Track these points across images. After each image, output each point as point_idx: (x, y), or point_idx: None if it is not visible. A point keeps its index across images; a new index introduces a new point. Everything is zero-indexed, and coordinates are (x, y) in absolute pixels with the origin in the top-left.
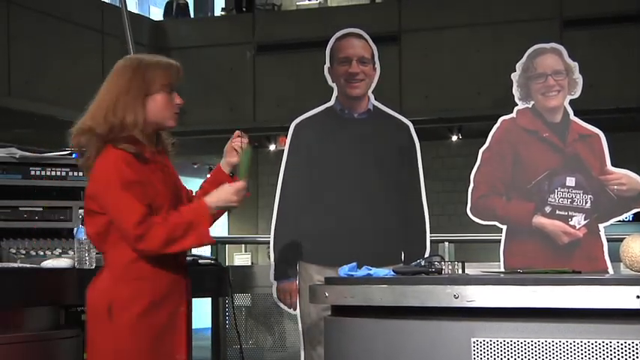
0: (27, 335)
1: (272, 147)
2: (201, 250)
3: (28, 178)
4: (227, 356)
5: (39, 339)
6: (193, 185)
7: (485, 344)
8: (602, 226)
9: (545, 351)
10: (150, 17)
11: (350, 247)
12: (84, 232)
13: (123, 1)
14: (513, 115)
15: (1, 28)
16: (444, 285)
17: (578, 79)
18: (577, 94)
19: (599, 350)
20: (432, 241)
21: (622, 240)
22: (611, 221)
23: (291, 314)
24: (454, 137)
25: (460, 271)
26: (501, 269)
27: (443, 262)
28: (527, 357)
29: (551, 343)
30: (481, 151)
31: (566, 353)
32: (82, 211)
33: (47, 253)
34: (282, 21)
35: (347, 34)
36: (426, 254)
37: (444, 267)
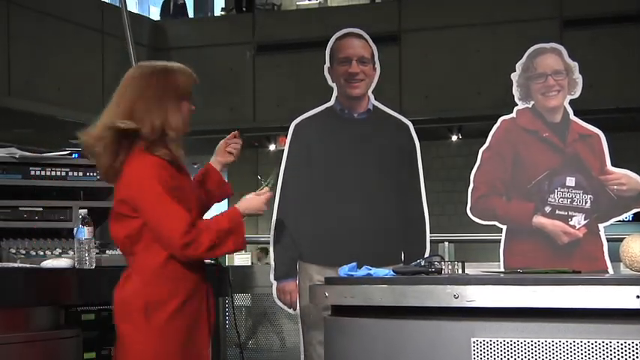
0: (27, 335)
1: (272, 147)
2: None
3: (28, 178)
4: (227, 356)
5: (39, 339)
6: None
7: (485, 344)
8: (602, 226)
9: (545, 351)
10: (150, 17)
11: (350, 247)
12: (84, 233)
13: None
14: (513, 115)
15: (1, 28)
16: (444, 285)
17: (578, 79)
18: (577, 94)
19: (599, 350)
20: (432, 241)
21: (622, 240)
22: (611, 221)
23: (291, 314)
24: (454, 137)
25: (460, 271)
26: (501, 269)
27: (443, 262)
28: (527, 357)
29: (551, 343)
30: (481, 151)
31: (566, 353)
32: (82, 211)
33: (47, 253)
34: (282, 21)
35: (347, 34)
36: (426, 254)
37: (443, 267)
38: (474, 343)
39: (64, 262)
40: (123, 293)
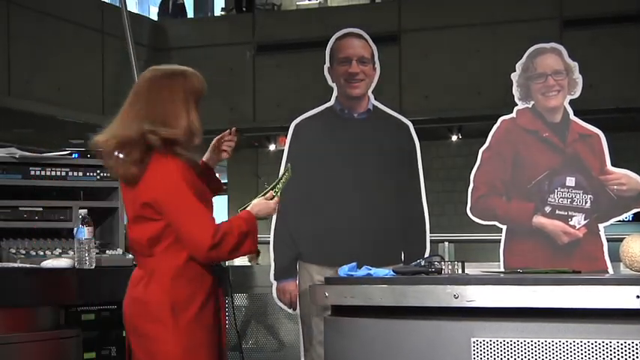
0: (27, 335)
1: (272, 147)
2: None
3: (28, 178)
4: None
5: (39, 339)
6: None
7: (485, 344)
8: (602, 226)
9: (545, 351)
10: (150, 17)
11: (350, 247)
12: (84, 233)
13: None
14: (513, 115)
15: (1, 27)
16: (443, 285)
17: (578, 79)
18: (577, 94)
19: (599, 350)
20: (432, 241)
21: (622, 240)
22: (611, 221)
23: (291, 314)
24: (454, 137)
25: (460, 271)
26: (501, 269)
27: (443, 262)
28: (527, 357)
29: (551, 343)
30: (481, 151)
31: (566, 353)
32: (82, 211)
33: (47, 253)
34: (282, 21)
35: (347, 34)
36: (426, 254)
37: (443, 267)
38: (474, 343)
39: (64, 262)
40: (147, 293)
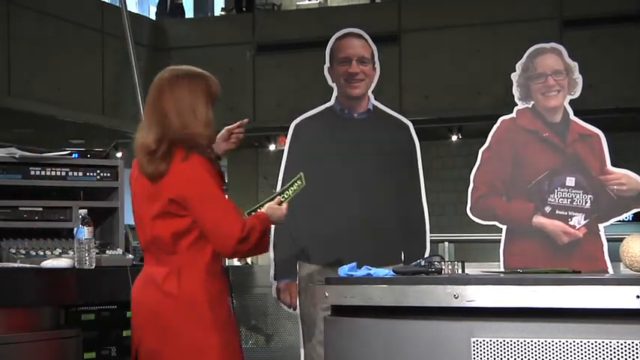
0: (27, 335)
1: (272, 147)
2: None
3: (28, 178)
4: None
5: (39, 339)
6: None
7: (485, 344)
8: (602, 226)
9: (545, 351)
10: (150, 17)
11: (350, 247)
12: (84, 233)
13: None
14: (513, 115)
15: (1, 27)
16: (444, 285)
17: (578, 79)
18: (577, 94)
19: (599, 350)
20: (432, 241)
21: (622, 240)
22: (611, 221)
23: (291, 314)
24: (454, 137)
25: (460, 271)
26: (501, 269)
27: (443, 262)
28: (527, 357)
29: (551, 343)
30: (481, 151)
31: (566, 353)
32: (82, 211)
33: (47, 253)
34: (282, 21)
35: (347, 34)
36: (426, 254)
37: (443, 267)
38: (474, 343)
39: (64, 262)
40: (182, 290)
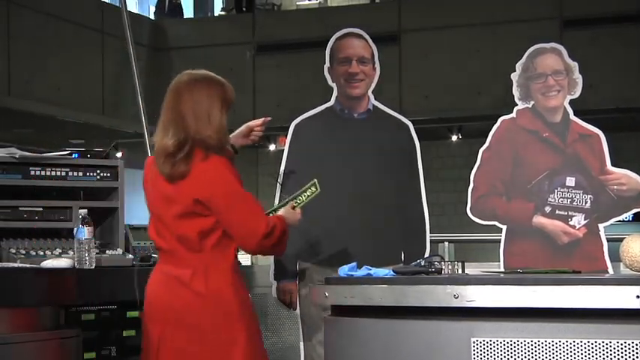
0: (27, 335)
1: (272, 147)
2: None
3: (28, 178)
4: None
5: (39, 339)
6: None
7: (485, 344)
8: (602, 226)
9: (545, 351)
10: (150, 17)
11: (350, 247)
12: (84, 233)
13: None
14: (513, 115)
15: (1, 27)
16: (444, 285)
17: (578, 79)
18: (577, 94)
19: (599, 350)
20: (432, 241)
21: (622, 240)
22: (611, 221)
23: (291, 314)
24: (454, 137)
25: (460, 271)
26: (501, 269)
27: (443, 262)
28: (527, 357)
29: (551, 343)
30: (481, 151)
31: (566, 353)
32: (82, 211)
33: (47, 253)
34: (282, 21)
35: (347, 34)
36: (426, 254)
37: (443, 267)
38: (474, 343)
39: (64, 262)
40: (210, 288)
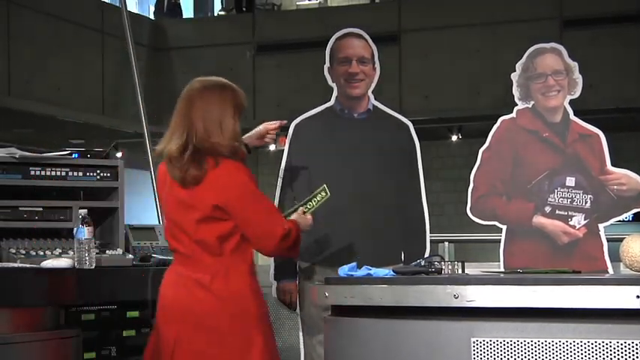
0: (27, 335)
1: (272, 147)
2: None
3: (28, 178)
4: None
5: (39, 339)
6: None
7: (485, 344)
8: (602, 226)
9: (545, 351)
10: (150, 17)
11: (350, 247)
12: (84, 233)
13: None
14: (513, 115)
15: (1, 27)
16: (444, 285)
17: (578, 79)
18: (577, 94)
19: (599, 350)
20: (432, 241)
21: (622, 240)
22: (611, 221)
23: (291, 314)
24: (454, 137)
25: (460, 271)
26: (501, 269)
27: (443, 262)
28: (527, 357)
29: (551, 343)
30: (481, 151)
31: (566, 353)
32: (82, 211)
33: (47, 253)
34: (282, 21)
35: (347, 34)
36: (426, 254)
37: (443, 267)
38: (474, 343)
39: (64, 262)
40: (231, 290)
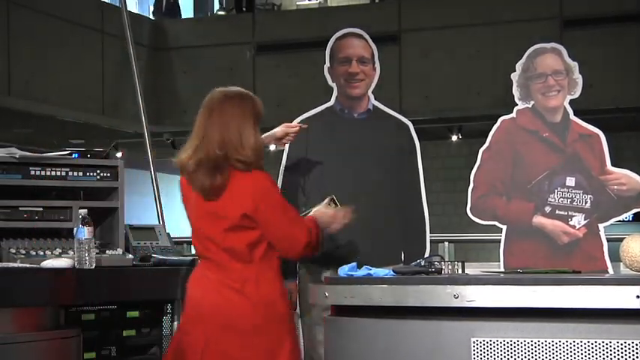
0: (27, 335)
1: (272, 147)
2: None
3: (28, 178)
4: None
5: (39, 339)
6: None
7: (485, 344)
8: (602, 226)
9: (545, 351)
10: (150, 17)
11: (350, 247)
12: (84, 233)
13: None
14: (513, 115)
15: (1, 27)
16: (444, 285)
17: (578, 79)
18: (577, 94)
19: (599, 350)
20: (432, 241)
21: (622, 240)
22: (611, 221)
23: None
24: (454, 137)
25: (460, 271)
26: (501, 269)
27: (443, 262)
28: (527, 357)
29: (551, 343)
30: (481, 151)
31: (566, 353)
32: (82, 211)
33: (47, 253)
34: (282, 21)
35: (347, 34)
36: (426, 254)
37: (444, 267)
38: (474, 343)
39: (64, 262)
40: (262, 295)
